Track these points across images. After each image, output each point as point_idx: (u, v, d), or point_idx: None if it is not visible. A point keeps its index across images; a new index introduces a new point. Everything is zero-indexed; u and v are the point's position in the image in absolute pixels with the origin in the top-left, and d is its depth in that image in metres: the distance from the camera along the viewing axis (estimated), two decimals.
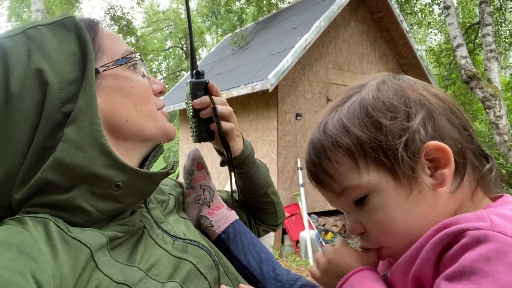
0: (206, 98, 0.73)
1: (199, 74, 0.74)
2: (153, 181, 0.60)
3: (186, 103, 0.76)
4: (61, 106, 0.52)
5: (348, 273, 0.52)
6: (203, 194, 0.81)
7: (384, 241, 0.51)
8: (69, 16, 0.57)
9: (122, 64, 0.62)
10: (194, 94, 0.73)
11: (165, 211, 0.70)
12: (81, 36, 0.56)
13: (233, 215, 0.80)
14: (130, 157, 0.63)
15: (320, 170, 0.52)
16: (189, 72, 0.79)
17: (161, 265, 0.58)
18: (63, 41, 0.55)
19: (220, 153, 0.87)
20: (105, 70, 0.59)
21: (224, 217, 0.78)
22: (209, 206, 0.80)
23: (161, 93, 0.70)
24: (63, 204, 0.52)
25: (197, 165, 0.82)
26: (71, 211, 0.52)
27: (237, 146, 0.79)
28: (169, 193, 0.77)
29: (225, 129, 0.74)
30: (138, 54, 0.65)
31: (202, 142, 0.78)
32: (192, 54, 0.77)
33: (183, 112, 7.92)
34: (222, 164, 0.87)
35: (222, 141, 0.76)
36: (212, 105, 0.73)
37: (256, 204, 0.93)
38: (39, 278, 0.41)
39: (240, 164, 0.85)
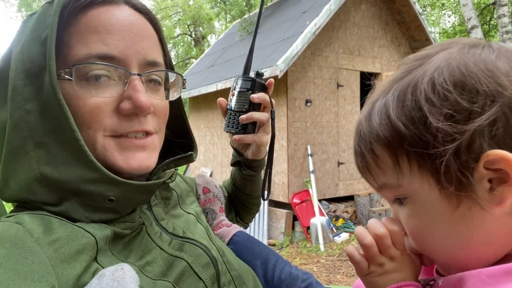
0: (265, 96, 0.78)
1: (259, 75, 0.81)
2: (149, 191, 0.57)
3: (233, 94, 0.80)
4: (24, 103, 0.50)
5: (389, 286, 0.46)
6: (206, 218, 0.87)
7: (421, 250, 0.46)
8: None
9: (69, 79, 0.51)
10: (253, 91, 0.79)
11: (167, 208, 0.68)
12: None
13: (231, 231, 0.86)
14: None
15: (361, 162, 0.47)
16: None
17: (155, 263, 0.56)
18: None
19: (238, 152, 0.88)
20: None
21: (222, 235, 0.84)
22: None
23: (133, 113, 0.54)
24: (57, 214, 0.51)
25: (203, 189, 0.89)
26: (68, 218, 0.51)
27: (265, 142, 0.82)
28: (173, 189, 0.76)
29: (261, 120, 0.77)
30: (80, 65, 0.51)
31: (242, 134, 0.81)
32: (250, 54, 0.81)
33: (192, 100, 7.91)
34: (234, 164, 0.91)
35: (271, 145, 0.81)
36: (271, 108, 0.79)
37: (245, 204, 0.96)
38: (37, 271, 0.41)
39: (256, 167, 0.87)
